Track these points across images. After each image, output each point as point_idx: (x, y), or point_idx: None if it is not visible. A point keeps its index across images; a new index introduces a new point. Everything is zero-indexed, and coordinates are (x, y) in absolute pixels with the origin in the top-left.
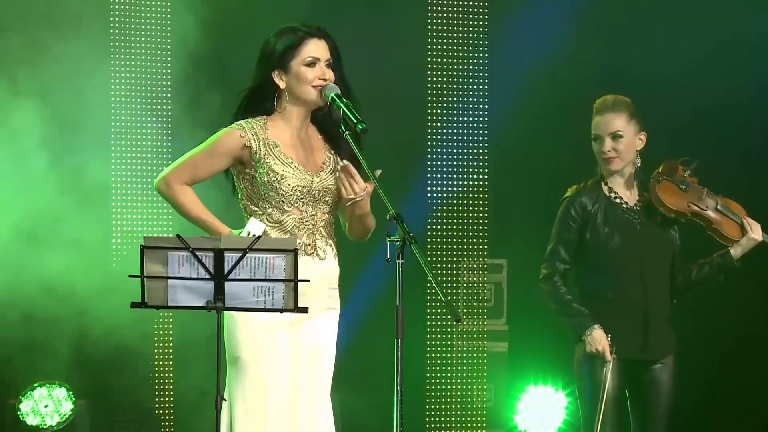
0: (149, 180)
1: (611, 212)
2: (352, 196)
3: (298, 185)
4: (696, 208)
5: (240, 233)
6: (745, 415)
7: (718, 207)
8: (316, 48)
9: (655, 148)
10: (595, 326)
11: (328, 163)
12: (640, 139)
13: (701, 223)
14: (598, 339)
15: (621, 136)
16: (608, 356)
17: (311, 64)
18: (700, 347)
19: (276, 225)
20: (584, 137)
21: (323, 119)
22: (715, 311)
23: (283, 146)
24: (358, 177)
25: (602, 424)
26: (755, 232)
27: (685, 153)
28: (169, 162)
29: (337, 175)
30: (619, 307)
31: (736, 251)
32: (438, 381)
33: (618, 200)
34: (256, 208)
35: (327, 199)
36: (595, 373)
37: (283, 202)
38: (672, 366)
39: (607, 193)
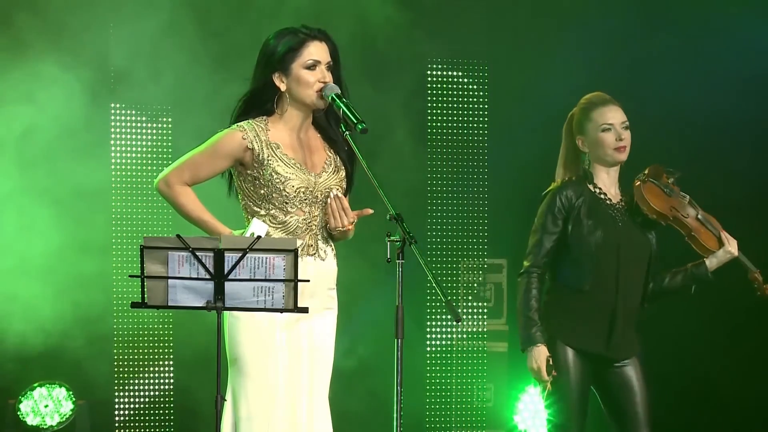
0: (149, 180)
1: (595, 206)
2: (340, 228)
3: (301, 186)
4: (677, 213)
5: (242, 234)
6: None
7: (699, 217)
8: (316, 50)
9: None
10: (539, 344)
11: (329, 163)
12: None
13: (680, 229)
14: (537, 356)
15: (628, 128)
16: (545, 375)
17: (312, 67)
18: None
19: (279, 226)
20: None
21: (323, 120)
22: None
23: (284, 147)
24: (348, 210)
25: (569, 415)
26: (732, 246)
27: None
28: (169, 162)
29: (328, 201)
30: (592, 301)
31: (711, 262)
32: (438, 381)
33: (602, 196)
34: (258, 209)
35: None
36: (557, 362)
37: (286, 203)
38: (638, 365)
39: (592, 189)
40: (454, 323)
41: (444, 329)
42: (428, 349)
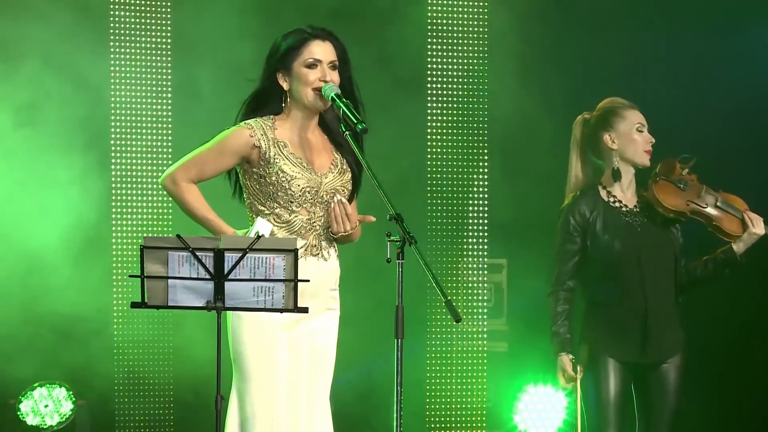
0: (149, 180)
1: (610, 217)
2: (342, 233)
3: (307, 186)
4: (695, 206)
5: (246, 233)
6: (751, 411)
7: (718, 203)
8: (318, 49)
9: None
10: (564, 353)
11: (335, 164)
12: None
13: (701, 220)
14: (562, 365)
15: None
16: (563, 383)
17: (311, 66)
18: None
19: (284, 225)
20: None
21: (331, 120)
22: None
23: (291, 146)
24: (352, 216)
25: (605, 424)
26: (756, 227)
27: (682, 151)
28: (170, 162)
29: (331, 205)
30: (622, 312)
31: (738, 247)
32: (438, 381)
33: (617, 204)
34: (263, 208)
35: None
36: (598, 375)
37: (291, 202)
38: (679, 365)
39: (605, 198)
40: (454, 323)
41: (444, 329)
42: (428, 349)
